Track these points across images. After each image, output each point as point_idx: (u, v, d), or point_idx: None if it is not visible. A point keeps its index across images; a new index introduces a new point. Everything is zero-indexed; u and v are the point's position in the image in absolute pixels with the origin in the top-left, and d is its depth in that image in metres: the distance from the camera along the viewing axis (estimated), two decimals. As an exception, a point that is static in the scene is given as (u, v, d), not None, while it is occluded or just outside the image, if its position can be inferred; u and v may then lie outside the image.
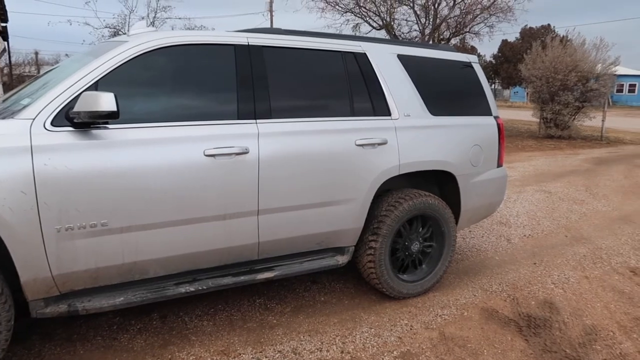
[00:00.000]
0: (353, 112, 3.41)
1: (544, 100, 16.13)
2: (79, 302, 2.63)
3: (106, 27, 17.28)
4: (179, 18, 24.04)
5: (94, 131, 2.55)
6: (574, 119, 16.16)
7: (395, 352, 3.01)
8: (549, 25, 46.90)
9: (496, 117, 4.21)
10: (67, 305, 2.60)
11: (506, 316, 3.52)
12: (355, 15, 19.96)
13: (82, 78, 2.60)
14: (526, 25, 45.11)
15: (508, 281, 4.15)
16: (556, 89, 15.52)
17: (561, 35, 19.07)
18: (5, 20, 15.98)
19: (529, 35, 43.10)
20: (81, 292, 2.67)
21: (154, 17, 17.82)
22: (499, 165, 4.20)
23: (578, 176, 9.24)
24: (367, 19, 20.03)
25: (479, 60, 4.37)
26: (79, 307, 2.60)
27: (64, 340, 3.02)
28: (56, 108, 2.50)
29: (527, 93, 28.43)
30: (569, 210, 6.58)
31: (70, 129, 2.50)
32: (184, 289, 2.88)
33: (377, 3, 19.42)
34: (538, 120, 17.05)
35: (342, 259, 3.46)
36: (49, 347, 2.93)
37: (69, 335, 3.08)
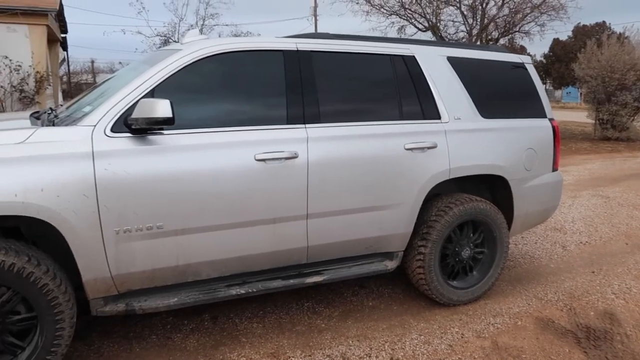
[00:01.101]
0: (402, 116, 3.37)
1: (600, 101, 15.42)
2: (135, 302, 2.72)
3: (157, 35, 17.90)
4: (226, 25, 24.57)
5: (150, 137, 2.64)
6: (633, 119, 15.36)
7: (446, 361, 2.94)
8: (604, 22, 44.75)
9: (551, 119, 4.06)
10: (125, 305, 2.70)
11: (563, 327, 3.37)
12: (401, 18, 19.73)
13: (139, 86, 2.70)
14: (579, 23, 43.10)
15: (564, 290, 3.98)
16: (613, 89, 14.81)
17: (618, 33, 18.15)
18: (65, 31, 16.86)
19: (583, 33, 41.30)
20: (138, 292, 2.77)
21: (202, 24, 18.31)
22: (554, 169, 4.04)
23: (638, 180, 8.76)
24: (413, 20, 19.78)
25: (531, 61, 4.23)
26: (136, 307, 2.70)
27: (121, 338, 3.14)
28: (115, 115, 2.60)
29: (581, 93, 27.29)
30: (629, 217, 6.25)
31: (128, 134, 2.60)
32: (234, 291, 2.93)
33: (422, 4, 19.16)
34: (593, 121, 16.33)
35: (390, 264, 3.42)
36: (107, 344, 3.05)
37: (126, 333, 3.19)
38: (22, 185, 2.32)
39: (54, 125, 2.75)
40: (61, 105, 3.78)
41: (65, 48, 19.16)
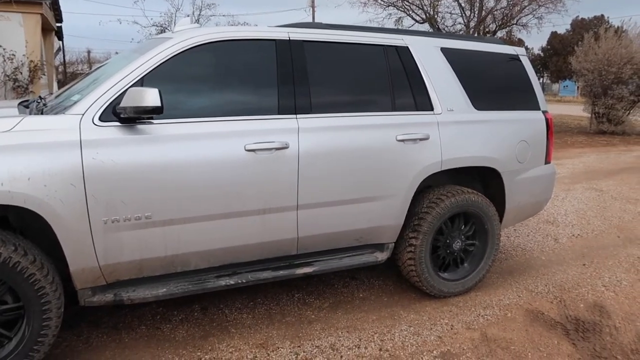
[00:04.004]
0: (394, 107, 3.35)
1: (596, 95, 15.44)
2: (124, 292, 2.71)
3: (153, 25, 17.76)
4: (223, 15, 24.49)
5: (139, 126, 2.61)
6: (629, 113, 15.41)
7: (435, 352, 2.95)
8: (602, 15, 44.67)
9: (545, 112, 4.05)
10: (113, 295, 2.69)
11: (552, 319, 3.39)
12: (398, 9, 19.70)
13: (128, 74, 2.67)
14: (577, 16, 42.96)
15: (555, 282, 3.99)
16: (609, 83, 14.82)
17: (616, 26, 18.11)
18: (60, 20, 16.69)
19: (581, 26, 41.25)
20: (126, 282, 2.76)
21: (199, 14, 18.18)
22: (547, 161, 4.04)
23: (632, 174, 8.78)
24: (410, 12, 19.74)
25: (526, 53, 4.21)
26: (124, 297, 2.69)
27: (110, 328, 3.13)
28: (104, 104, 2.57)
29: (578, 87, 27.29)
30: (621, 210, 6.27)
31: (117, 124, 2.57)
32: (224, 281, 2.92)
33: (420, -4, 19.08)
34: (589, 115, 16.36)
35: (381, 256, 3.42)
36: (96, 334, 3.05)
37: (115, 323, 3.19)
38: (8, 174, 2.29)
39: (42, 113, 2.72)
40: (51, 94, 3.74)
41: (60, 37, 18.98)
